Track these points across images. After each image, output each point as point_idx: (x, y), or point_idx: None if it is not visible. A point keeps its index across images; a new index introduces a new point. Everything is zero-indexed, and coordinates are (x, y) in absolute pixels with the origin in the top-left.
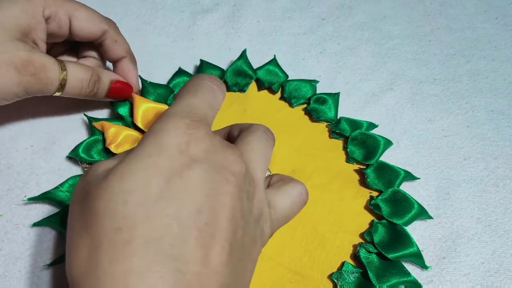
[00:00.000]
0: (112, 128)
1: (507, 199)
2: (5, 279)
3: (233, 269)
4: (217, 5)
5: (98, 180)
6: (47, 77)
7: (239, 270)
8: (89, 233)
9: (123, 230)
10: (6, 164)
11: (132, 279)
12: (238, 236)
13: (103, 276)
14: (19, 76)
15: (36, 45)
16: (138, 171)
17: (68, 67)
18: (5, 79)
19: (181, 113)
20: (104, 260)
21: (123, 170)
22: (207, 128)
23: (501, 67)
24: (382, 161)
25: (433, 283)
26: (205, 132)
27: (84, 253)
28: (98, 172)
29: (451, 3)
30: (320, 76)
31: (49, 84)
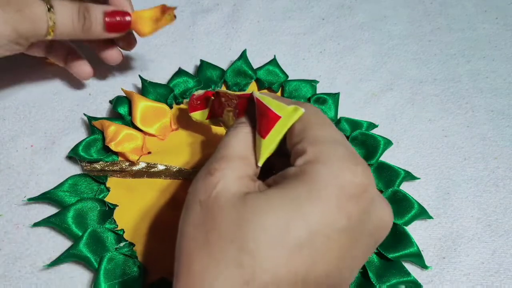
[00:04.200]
0: (112, 127)
1: (507, 199)
2: (5, 279)
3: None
4: (217, 5)
5: (229, 201)
6: (32, 12)
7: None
8: (209, 252)
9: (246, 268)
10: (6, 164)
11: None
12: (348, 285)
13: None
14: (3, 14)
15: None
16: (279, 211)
17: (53, 2)
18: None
19: (341, 151)
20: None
21: (262, 202)
22: (371, 174)
23: (501, 67)
24: (382, 161)
25: (433, 283)
26: (371, 181)
27: (198, 269)
28: (230, 192)
29: (451, 3)
30: (320, 76)
31: (37, 20)
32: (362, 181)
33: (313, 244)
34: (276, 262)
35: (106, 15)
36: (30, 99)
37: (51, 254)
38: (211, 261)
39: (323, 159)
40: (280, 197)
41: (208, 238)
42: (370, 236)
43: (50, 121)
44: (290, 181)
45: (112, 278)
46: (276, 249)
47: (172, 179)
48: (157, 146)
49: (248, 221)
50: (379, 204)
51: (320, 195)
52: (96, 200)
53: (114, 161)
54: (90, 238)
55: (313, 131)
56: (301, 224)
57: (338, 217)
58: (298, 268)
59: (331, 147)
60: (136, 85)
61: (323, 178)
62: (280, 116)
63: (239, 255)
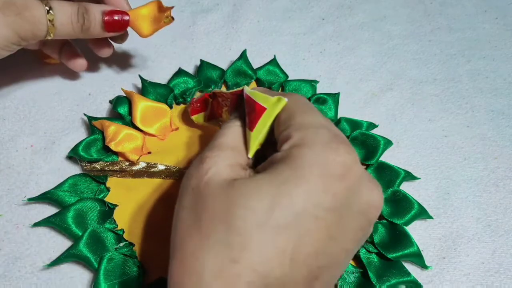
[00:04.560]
0: (112, 126)
1: (507, 199)
2: (5, 279)
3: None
4: (217, 5)
5: (219, 185)
6: (32, 15)
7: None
8: (200, 233)
9: (234, 247)
10: (6, 164)
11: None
12: (341, 273)
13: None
14: (4, 18)
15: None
16: (267, 193)
17: (52, 3)
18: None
19: (325, 134)
20: (208, 271)
21: (251, 186)
22: (356, 153)
23: (501, 67)
24: (382, 161)
25: (433, 283)
26: (356, 159)
27: (190, 249)
28: (220, 178)
29: (451, 3)
30: (320, 76)
31: (37, 22)
32: (345, 160)
33: (299, 223)
34: (263, 241)
35: (105, 15)
36: (30, 99)
37: (51, 254)
38: (202, 242)
39: (307, 142)
40: (266, 180)
41: (200, 220)
42: (360, 215)
43: (50, 121)
44: (276, 166)
45: (112, 278)
46: (263, 228)
47: (172, 179)
48: (157, 146)
49: (236, 203)
50: (367, 182)
51: (305, 175)
52: (96, 200)
53: (114, 161)
54: (90, 238)
55: (298, 117)
56: (287, 204)
57: (323, 196)
58: (285, 247)
59: (315, 131)
60: (136, 85)
61: (307, 159)
62: (266, 108)
63: (228, 234)
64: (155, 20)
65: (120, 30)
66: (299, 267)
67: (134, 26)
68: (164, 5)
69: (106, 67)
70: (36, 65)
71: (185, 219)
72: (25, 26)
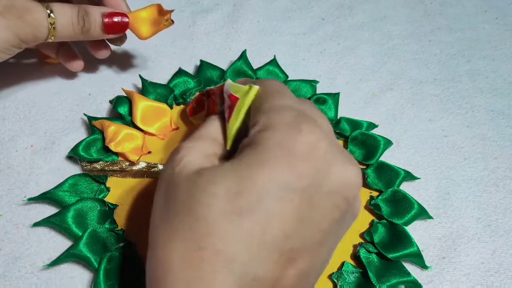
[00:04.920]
0: (111, 127)
1: (507, 199)
2: (5, 279)
3: (305, 286)
4: (217, 5)
5: (188, 174)
6: (33, 18)
7: (311, 285)
8: (169, 222)
9: (198, 234)
10: (6, 164)
11: (198, 286)
12: (322, 257)
13: (174, 276)
14: (5, 21)
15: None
16: (231, 178)
17: (53, 6)
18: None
19: (288, 114)
20: (176, 260)
21: (216, 172)
22: (322, 131)
23: (501, 67)
24: (382, 161)
25: (433, 283)
26: (321, 137)
27: (160, 239)
28: (192, 167)
29: (451, 3)
30: (320, 76)
31: (38, 25)
32: (309, 139)
33: (264, 206)
34: (228, 227)
35: (105, 17)
36: (30, 99)
37: (51, 254)
38: (171, 231)
39: (270, 125)
40: (232, 166)
41: (169, 210)
42: (333, 194)
43: (50, 121)
44: (242, 151)
45: (112, 278)
46: (227, 214)
47: None
48: (157, 146)
49: (201, 190)
50: (339, 160)
51: (268, 157)
52: (96, 200)
53: (114, 161)
54: (90, 238)
55: (266, 103)
56: (250, 187)
57: (287, 177)
58: (250, 231)
59: (279, 113)
60: (136, 85)
61: (270, 142)
62: (238, 98)
63: (194, 222)
64: (155, 23)
65: (119, 32)
66: (268, 250)
67: (133, 28)
68: (164, 8)
69: (106, 67)
70: (36, 65)
71: (157, 209)
72: (26, 29)
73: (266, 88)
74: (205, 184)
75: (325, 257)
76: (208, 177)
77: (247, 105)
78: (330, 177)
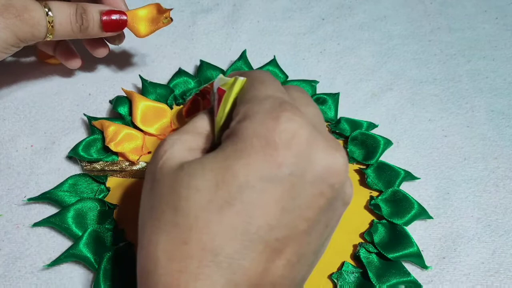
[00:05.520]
0: (111, 127)
1: (507, 199)
2: (5, 279)
3: (296, 276)
4: (217, 5)
5: (171, 168)
6: (31, 17)
7: (302, 275)
8: (153, 217)
9: (181, 228)
10: (6, 164)
11: (185, 280)
12: (312, 246)
13: (161, 272)
14: (3, 20)
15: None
16: (210, 171)
17: (51, 4)
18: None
19: (268, 104)
20: (162, 254)
21: (196, 166)
22: (303, 118)
23: (501, 67)
24: (382, 161)
25: (433, 283)
26: (301, 124)
27: (147, 234)
28: (174, 161)
29: (451, 3)
30: (320, 76)
31: (36, 24)
32: (287, 127)
33: (245, 197)
34: (209, 219)
35: (103, 15)
36: (30, 99)
37: (51, 254)
38: (155, 226)
39: (249, 115)
40: (212, 159)
41: (153, 204)
42: (317, 181)
43: (50, 121)
44: (222, 143)
45: (112, 278)
46: (208, 206)
47: None
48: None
49: (181, 184)
50: (322, 146)
51: (246, 148)
52: (96, 200)
53: (114, 161)
54: (90, 238)
55: (247, 93)
56: (230, 179)
57: (267, 168)
58: (232, 223)
59: (259, 103)
60: (136, 85)
61: (248, 132)
62: (224, 90)
63: (175, 216)
64: (153, 21)
65: (118, 30)
66: (252, 242)
67: (131, 27)
68: (163, 7)
69: (106, 67)
70: (36, 65)
71: (144, 206)
72: (25, 28)
73: (251, 79)
74: (185, 177)
75: (315, 246)
76: (188, 170)
77: (232, 97)
78: (313, 165)
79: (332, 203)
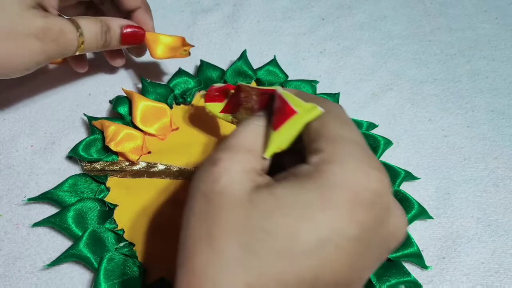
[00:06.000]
0: (111, 126)
1: (507, 199)
2: (5, 279)
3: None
4: (217, 5)
5: (234, 197)
6: (67, 39)
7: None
8: (212, 246)
9: (250, 270)
10: (6, 164)
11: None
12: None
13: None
14: (42, 45)
15: (48, 12)
16: (288, 216)
17: (80, 22)
18: (27, 50)
19: (358, 152)
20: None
21: (271, 205)
22: (388, 179)
23: (501, 67)
24: (382, 161)
25: (433, 283)
26: (387, 187)
27: (201, 263)
28: (236, 187)
29: (451, 3)
30: (320, 76)
31: (68, 46)
32: (377, 188)
33: (322, 251)
34: (283, 268)
35: (123, 29)
36: (30, 99)
37: (51, 254)
38: (214, 258)
39: (338, 159)
40: (290, 199)
41: (212, 232)
42: (382, 245)
43: (50, 121)
44: (302, 181)
45: (112, 278)
46: (284, 254)
47: (172, 179)
48: (157, 146)
49: (255, 222)
50: (395, 212)
51: (332, 200)
52: (96, 200)
53: (114, 161)
54: (90, 238)
55: (332, 129)
56: (311, 230)
57: (349, 225)
58: (305, 275)
59: (348, 147)
60: (136, 85)
61: (336, 181)
62: (296, 112)
63: (243, 255)
64: (172, 49)
65: (135, 43)
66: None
67: (150, 46)
68: (187, 41)
69: (106, 67)
70: None
71: (195, 228)
72: (58, 50)
73: (332, 113)
74: (259, 216)
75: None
76: (261, 207)
77: (304, 123)
78: (385, 229)
79: (380, 264)
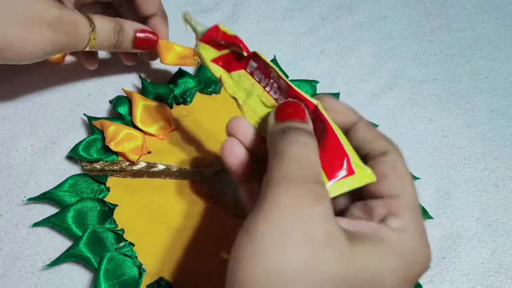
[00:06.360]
0: (111, 126)
1: (507, 199)
2: (5, 279)
3: None
4: (217, 5)
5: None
6: (79, 32)
7: None
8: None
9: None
10: (6, 164)
11: None
12: None
13: None
14: (53, 34)
15: (64, 5)
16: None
17: (95, 19)
18: (39, 37)
19: (419, 219)
20: None
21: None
22: None
23: (501, 67)
24: None
25: (433, 283)
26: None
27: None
28: (275, 274)
29: (451, 3)
30: (320, 76)
31: (80, 39)
32: (427, 266)
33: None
34: None
35: (137, 33)
36: (30, 99)
37: (51, 254)
38: None
39: (412, 230)
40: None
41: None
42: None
43: (50, 121)
44: (385, 248)
45: (112, 278)
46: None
47: (172, 179)
48: (157, 146)
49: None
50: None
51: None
52: (96, 200)
53: (114, 161)
54: (90, 238)
55: (409, 190)
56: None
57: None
58: None
59: (417, 218)
60: (136, 85)
61: (408, 252)
62: (355, 172)
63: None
64: (182, 57)
65: (147, 49)
66: None
67: (162, 54)
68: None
69: (106, 67)
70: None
71: None
72: (69, 42)
73: (403, 160)
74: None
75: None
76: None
77: (358, 186)
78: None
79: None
